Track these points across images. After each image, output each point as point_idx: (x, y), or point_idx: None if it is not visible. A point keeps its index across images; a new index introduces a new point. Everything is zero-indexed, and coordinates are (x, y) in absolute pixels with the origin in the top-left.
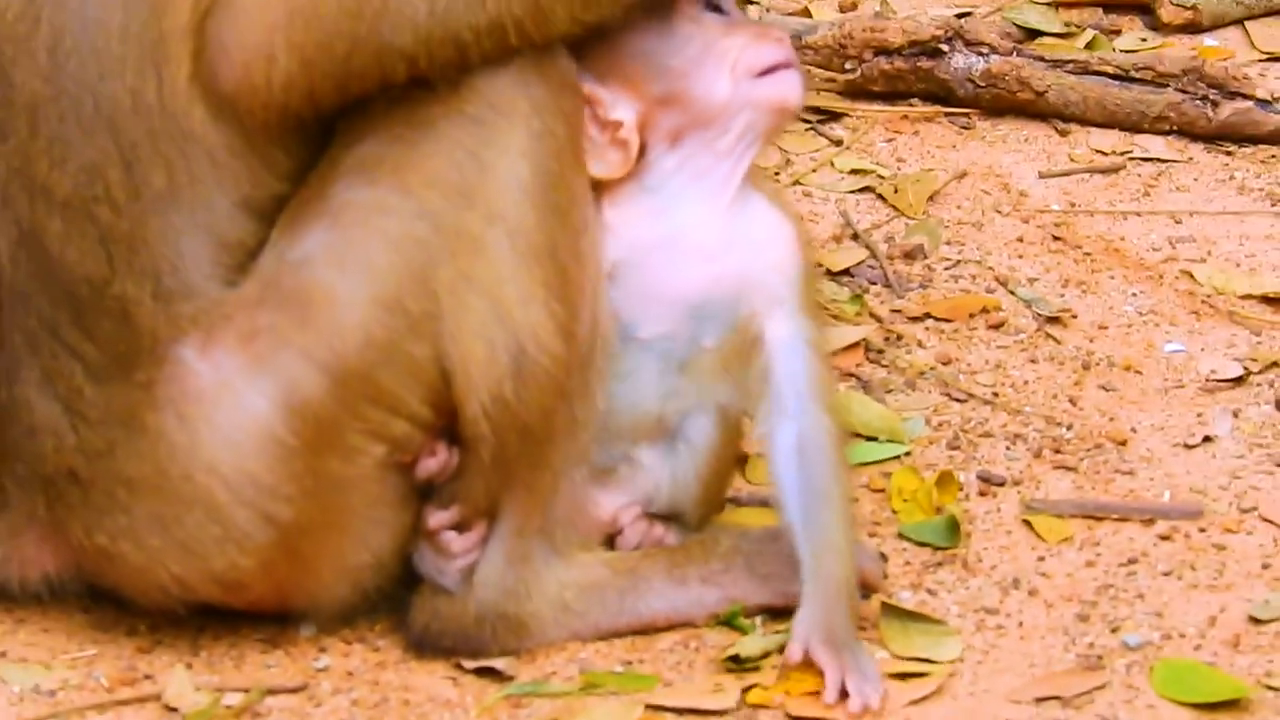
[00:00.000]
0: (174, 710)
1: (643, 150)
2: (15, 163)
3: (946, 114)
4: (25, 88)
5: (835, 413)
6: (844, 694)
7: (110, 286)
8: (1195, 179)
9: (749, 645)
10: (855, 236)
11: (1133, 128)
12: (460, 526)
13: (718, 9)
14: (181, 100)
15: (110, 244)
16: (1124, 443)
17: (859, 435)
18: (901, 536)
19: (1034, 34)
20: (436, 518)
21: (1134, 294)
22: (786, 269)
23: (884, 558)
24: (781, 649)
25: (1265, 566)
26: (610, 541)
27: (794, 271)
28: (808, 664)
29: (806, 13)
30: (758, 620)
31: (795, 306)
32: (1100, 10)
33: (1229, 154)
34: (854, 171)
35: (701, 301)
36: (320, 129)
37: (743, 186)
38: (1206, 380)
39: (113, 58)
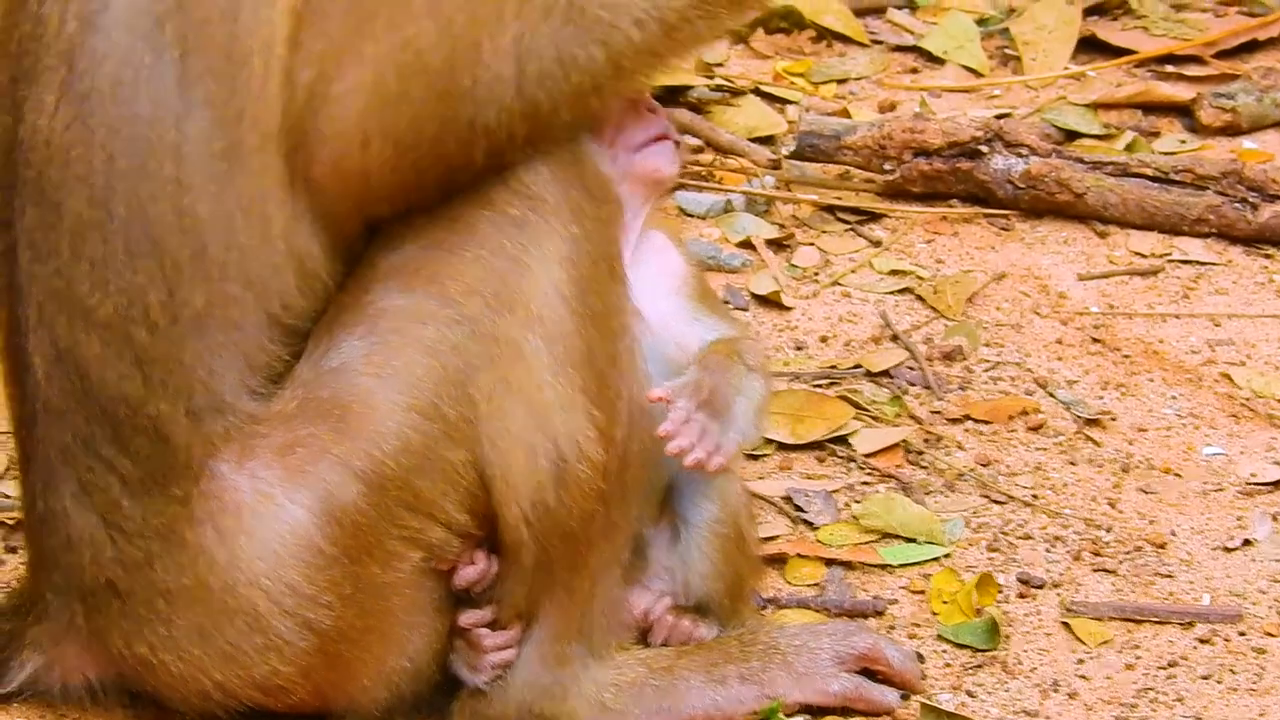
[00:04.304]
0: None
1: None
2: (56, 284)
3: (985, 215)
4: (71, 211)
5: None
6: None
7: (145, 406)
8: (1234, 281)
9: None
10: (894, 338)
11: (1172, 230)
12: (494, 624)
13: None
14: (251, 213)
15: (145, 365)
16: (1163, 545)
17: (898, 537)
18: (941, 638)
19: (1073, 135)
20: (470, 616)
21: (1173, 397)
22: (683, 288)
23: (922, 659)
24: None
25: None
26: (643, 636)
27: (687, 288)
28: None
29: (845, 113)
30: (798, 719)
31: (693, 314)
32: (1139, 112)
33: (1268, 257)
34: (893, 272)
35: None
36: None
37: (645, 242)
38: (1246, 483)
39: (166, 179)
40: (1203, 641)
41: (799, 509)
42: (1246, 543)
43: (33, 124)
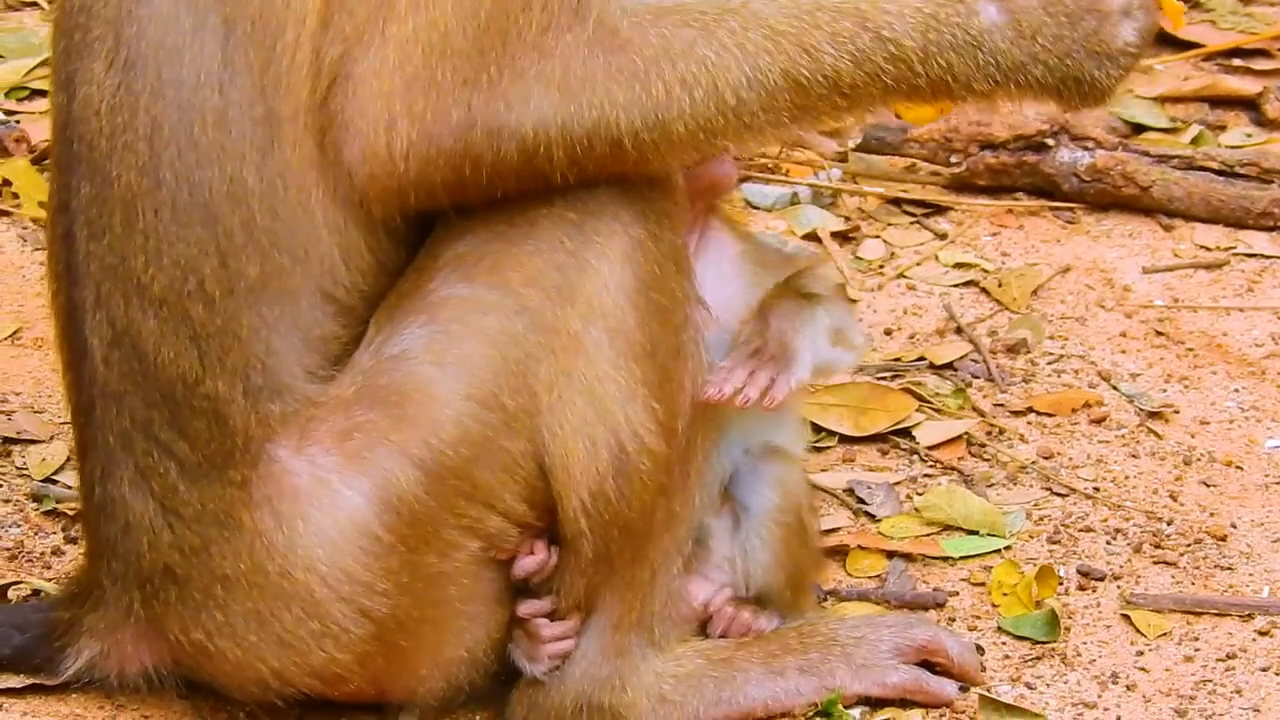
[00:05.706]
0: None
1: None
2: (110, 260)
3: (1051, 208)
4: (121, 181)
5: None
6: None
7: (202, 385)
8: None
9: None
10: (959, 330)
11: (1237, 223)
12: (553, 615)
13: None
14: (290, 183)
15: (202, 341)
16: (1224, 538)
17: (960, 529)
18: (1001, 630)
19: (1139, 129)
20: (528, 606)
21: (1236, 390)
22: (744, 282)
23: (982, 651)
24: None
25: None
26: (703, 628)
27: (748, 278)
28: None
29: None
30: (856, 711)
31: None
32: (1206, 106)
33: None
34: (958, 265)
35: None
36: (414, 225)
37: (705, 235)
38: None
39: (211, 144)
40: (1262, 634)
41: (861, 501)
42: None
43: (84, 96)
